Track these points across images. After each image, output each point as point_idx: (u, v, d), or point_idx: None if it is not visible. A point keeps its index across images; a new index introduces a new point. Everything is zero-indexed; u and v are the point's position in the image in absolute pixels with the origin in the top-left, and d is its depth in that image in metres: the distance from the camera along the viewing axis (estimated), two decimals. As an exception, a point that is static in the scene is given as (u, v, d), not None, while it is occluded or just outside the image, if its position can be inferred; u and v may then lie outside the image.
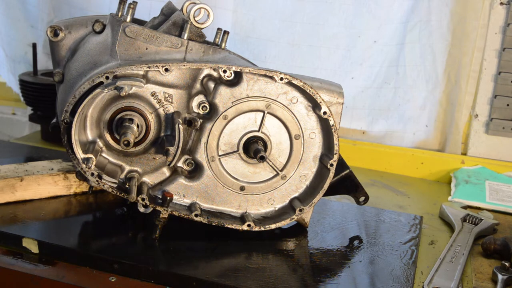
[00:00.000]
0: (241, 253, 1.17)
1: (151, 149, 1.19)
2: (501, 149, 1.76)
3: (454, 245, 1.23)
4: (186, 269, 1.09)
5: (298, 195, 1.24)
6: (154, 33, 1.15)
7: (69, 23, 1.21)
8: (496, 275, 1.11)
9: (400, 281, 1.10)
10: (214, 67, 1.15)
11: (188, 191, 1.21)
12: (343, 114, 1.22)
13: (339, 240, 1.26)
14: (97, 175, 1.16)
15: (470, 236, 1.27)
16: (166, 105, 1.16)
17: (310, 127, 1.21)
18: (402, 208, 1.51)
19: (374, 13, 1.75)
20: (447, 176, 1.74)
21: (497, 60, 1.71)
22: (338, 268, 1.15)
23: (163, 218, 1.17)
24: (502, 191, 1.59)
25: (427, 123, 1.81)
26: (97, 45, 1.17)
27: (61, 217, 1.29)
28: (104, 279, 1.07)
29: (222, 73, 1.16)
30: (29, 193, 1.31)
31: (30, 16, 2.05)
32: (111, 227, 1.25)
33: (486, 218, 1.35)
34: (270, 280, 1.07)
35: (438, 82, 1.77)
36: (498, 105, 1.72)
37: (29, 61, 1.97)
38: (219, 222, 1.20)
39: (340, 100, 1.20)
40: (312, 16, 1.78)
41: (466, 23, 1.69)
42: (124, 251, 1.14)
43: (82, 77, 1.15)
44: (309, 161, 1.22)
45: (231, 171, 1.21)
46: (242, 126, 1.19)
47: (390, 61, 1.78)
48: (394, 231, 1.32)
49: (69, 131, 1.12)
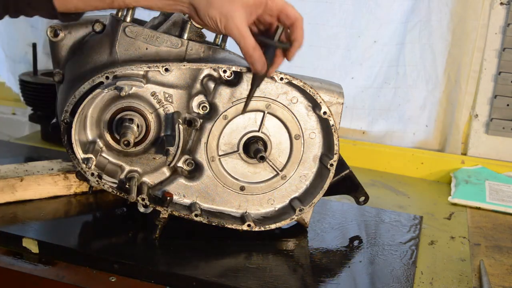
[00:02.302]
0: (241, 253, 1.17)
1: (151, 149, 1.19)
2: (501, 149, 1.76)
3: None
4: (186, 269, 1.08)
5: (298, 195, 1.24)
6: (154, 33, 1.15)
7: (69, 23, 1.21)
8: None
9: (400, 281, 1.10)
10: (214, 67, 1.15)
11: (188, 191, 1.21)
12: (343, 114, 1.22)
13: (339, 240, 1.26)
14: (97, 175, 1.16)
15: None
16: (166, 105, 1.16)
17: (310, 127, 1.21)
18: (402, 208, 1.51)
19: (374, 13, 1.74)
20: (447, 176, 1.74)
21: (497, 60, 1.70)
22: (338, 268, 1.15)
23: (163, 218, 1.17)
24: (502, 191, 1.59)
25: (427, 123, 1.81)
26: (97, 45, 1.17)
27: (61, 217, 1.29)
28: (104, 279, 1.07)
29: (222, 73, 1.16)
30: (29, 193, 1.31)
31: (30, 16, 2.05)
32: (111, 227, 1.25)
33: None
34: (270, 280, 1.07)
35: (438, 82, 1.77)
36: (498, 105, 1.72)
37: (29, 61, 1.97)
38: (219, 222, 1.20)
39: (340, 100, 1.20)
40: (312, 16, 1.78)
41: (466, 23, 1.68)
42: (124, 251, 1.14)
43: (82, 77, 1.15)
44: (309, 161, 1.22)
45: (231, 171, 1.21)
46: (242, 126, 1.19)
47: (390, 61, 1.78)
48: (394, 231, 1.32)
49: (69, 131, 1.12)
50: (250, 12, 1.05)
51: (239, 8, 1.03)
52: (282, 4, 1.08)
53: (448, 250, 1.27)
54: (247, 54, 1.07)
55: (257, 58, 1.07)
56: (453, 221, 1.44)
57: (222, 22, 1.04)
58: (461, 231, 1.38)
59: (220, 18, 1.04)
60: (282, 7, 1.07)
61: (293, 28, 1.08)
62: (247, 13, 1.05)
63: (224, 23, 1.04)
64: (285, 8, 1.07)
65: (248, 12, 1.05)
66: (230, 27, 1.04)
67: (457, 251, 1.27)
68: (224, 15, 1.03)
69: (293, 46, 1.10)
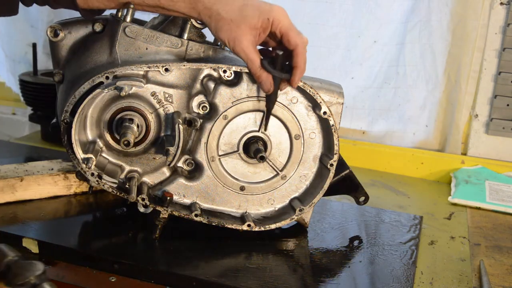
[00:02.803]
0: (241, 253, 1.17)
1: (151, 149, 1.19)
2: (501, 149, 1.76)
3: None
4: (186, 269, 1.09)
5: (298, 195, 1.24)
6: (154, 33, 1.15)
7: (69, 23, 1.21)
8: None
9: (400, 281, 1.10)
10: (214, 67, 1.15)
11: (188, 191, 1.21)
12: (343, 114, 1.22)
13: (339, 240, 1.26)
14: (97, 175, 1.16)
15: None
16: (166, 105, 1.16)
17: (310, 127, 1.21)
18: (402, 208, 1.51)
19: (374, 13, 1.74)
20: (447, 176, 1.74)
21: (497, 60, 1.70)
22: (338, 268, 1.15)
23: (163, 218, 1.17)
24: (502, 191, 1.59)
25: (427, 123, 1.81)
26: (97, 45, 1.17)
27: (61, 217, 1.29)
28: (104, 279, 1.07)
29: (222, 73, 1.16)
30: (29, 193, 1.31)
31: (30, 16, 2.05)
32: (111, 227, 1.25)
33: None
34: (270, 280, 1.07)
35: (438, 82, 1.77)
36: (498, 105, 1.72)
37: (29, 61, 1.97)
38: (219, 222, 1.20)
39: (340, 100, 1.20)
40: (312, 16, 1.78)
41: (466, 23, 1.68)
42: (124, 251, 1.14)
43: (82, 77, 1.15)
44: (309, 161, 1.22)
45: (231, 171, 1.21)
46: (242, 126, 1.19)
47: (390, 61, 1.78)
48: (394, 231, 1.32)
49: (69, 131, 1.12)
50: (257, 34, 1.08)
51: (247, 31, 1.07)
52: (286, 29, 1.08)
53: (448, 250, 1.27)
54: (255, 75, 1.11)
55: (264, 79, 1.10)
56: (453, 221, 1.44)
57: (231, 44, 1.08)
58: (461, 231, 1.38)
59: (229, 41, 1.08)
60: (285, 32, 1.08)
61: (294, 54, 1.09)
62: (254, 35, 1.08)
63: (232, 46, 1.08)
64: (287, 33, 1.08)
65: (255, 34, 1.08)
66: (238, 50, 1.08)
67: (457, 251, 1.27)
68: (232, 39, 1.07)
69: (293, 74, 1.10)
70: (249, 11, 1.07)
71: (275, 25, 1.08)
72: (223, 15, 1.07)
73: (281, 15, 1.08)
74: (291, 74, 1.10)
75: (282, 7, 1.10)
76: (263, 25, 1.07)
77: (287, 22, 1.08)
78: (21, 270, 0.85)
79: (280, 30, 1.08)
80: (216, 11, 1.07)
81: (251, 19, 1.07)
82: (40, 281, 0.84)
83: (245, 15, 1.07)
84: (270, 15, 1.07)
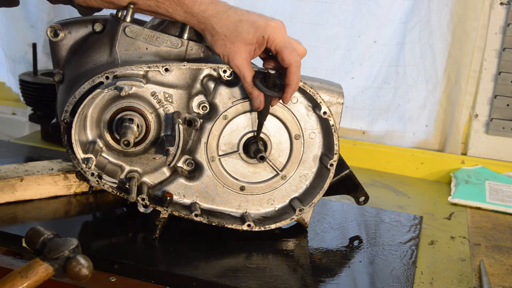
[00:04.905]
0: (241, 253, 1.17)
1: (151, 149, 1.19)
2: (501, 149, 1.76)
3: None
4: (186, 269, 1.09)
5: (298, 195, 1.24)
6: (154, 33, 1.15)
7: (69, 23, 1.21)
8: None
9: (400, 281, 1.10)
10: (214, 67, 1.15)
11: (188, 191, 1.21)
12: (343, 114, 1.22)
13: (339, 240, 1.26)
14: (97, 175, 1.16)
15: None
16: (166, 105, 1.16)
17: (310, 127, 1.21)
18: (402, 208, 1.51)
19: (374, 13, 1.75)
20: (447, 176, 1.74)
21: (497, 60, 1.71)
22: (338, 268, 1.15)
23: (163, 218, 1.17)
24: (502, 191, 1.59)
25: (427, 123, 1.81)
26: (97, 45, 1.17)
27: (61, 217, 1.29)
28: (104, 279, 1.07)
29: (222, 73, 1.16)
30: (29, 193, 1.31)
31: (30, 16, 2.05)
32: (111, 227, 1.25)
33: None
34: (270, 280, 1.07)
35: (438, 82, 1.77)
36: (498, 105, 1.72)
37: (29, 61, 1.97)
38: (219, 222, 1.20)
39: (340, 100, 1.20)
40: (312, 16, 1.78)
41: (466, 23, 1.69)
42: (124, 251, 1.14)
43: (82, 77, 1.15)
44: (309, 161, 1.22)
45: (231, 171, 1.21)
46: (242, 126, 1.19)
47: (390, 61, 1.78)
48: (394, 231, 1.32)
49: (69, 131, 1.12)
50: (252, 49, 1.09)
51: (241, 48, 1.08)
52: (281, 47, 1.08)
53: (448, 250, 1.27)
54: (247, 91, 1.12)
55: (255, 97, 1.11)
56: (453, 221, 1.44)
57: (225, 59, 1.11)
58: (461, 231, 1.38)
59: (223, 56, 1.10)
60: (279, 50, 1.08)
61: (287, 73, 1.09)
62: (249, 51, 1.09)
63: (227, 61, 1.11)
64: (281, 52, 1.08)
65: (250, 50, 1.09)
66: (232, 66, 1.11)
67: (457, 251, 1.27)
68: (227, 55, 1.09)
69: (285, 92, 1.10)
70: (244, 27, 1.07)
71: (270, 42, 1.08)
72: (218, 30, 1.08)
73: (277, 31, 1.08)
74: (283, 92, 1.10)
75: (280, 22, 1.09)
76: (258, 41, 1.08)
77: (282, 39, 1.08)
78: (56, 245, 0.91)
79: (275, 48, 1.08)
80: (211, 25, 1.08)
81: (246, 36, 1.07)
82: (73, 254, 0.91)
83: (240, 31, 1.07)
84: (265, 32, 1.07)
